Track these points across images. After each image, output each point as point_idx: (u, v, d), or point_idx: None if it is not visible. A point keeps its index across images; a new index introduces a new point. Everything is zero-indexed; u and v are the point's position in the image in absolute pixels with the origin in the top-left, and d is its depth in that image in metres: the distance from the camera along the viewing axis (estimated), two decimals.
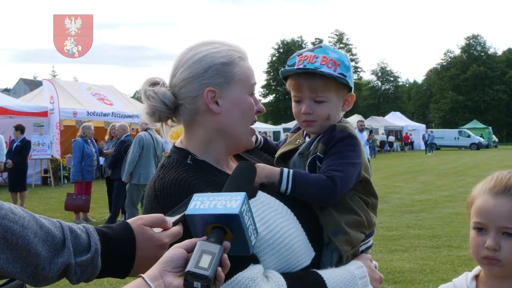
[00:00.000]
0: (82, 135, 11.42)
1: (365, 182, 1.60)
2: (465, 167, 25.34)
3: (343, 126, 1.60)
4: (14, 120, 15.88)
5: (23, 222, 1.11)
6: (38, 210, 12.04)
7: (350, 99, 1.67)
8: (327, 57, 1.59)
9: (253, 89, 1.56)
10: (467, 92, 75.99)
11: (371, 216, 1.60)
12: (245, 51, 1.59)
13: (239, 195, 1.09)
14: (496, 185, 1.49)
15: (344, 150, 1.55)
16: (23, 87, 67.16)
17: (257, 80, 1.60)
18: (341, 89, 1.62)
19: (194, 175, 1.46)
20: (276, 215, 1.46)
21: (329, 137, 1.57)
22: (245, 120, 1.54)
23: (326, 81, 1.58)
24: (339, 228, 1.51)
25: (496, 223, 1.45)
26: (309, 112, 1.61)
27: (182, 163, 1.51)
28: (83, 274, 1.18)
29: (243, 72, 1.53)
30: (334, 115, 1.63)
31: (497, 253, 1.44)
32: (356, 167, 1.55)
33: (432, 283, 6.16)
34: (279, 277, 1.38)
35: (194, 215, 1.09)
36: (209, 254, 1.01)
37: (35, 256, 1.11)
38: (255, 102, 1.57)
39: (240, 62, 1.54)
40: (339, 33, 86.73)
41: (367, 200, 1.60)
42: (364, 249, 1.60)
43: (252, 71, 1.57)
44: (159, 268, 1.03)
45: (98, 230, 1.24)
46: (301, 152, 1.64)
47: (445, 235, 8.91)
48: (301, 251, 1.46)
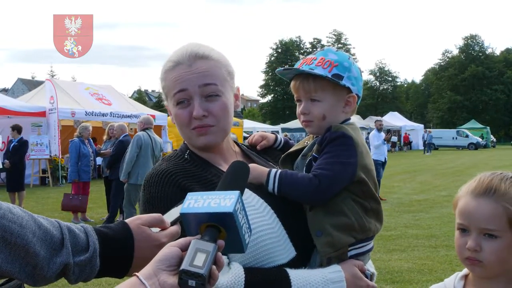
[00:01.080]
0: (79, 135, 11.42)
1: (363, 184, 1.55)
2: (463, 167, 25.37)
3: (338, 126, 1.59)
4: (12, 120, 15.85)
5: (22, 221, 1.11)
6: (36, 210, 12.02)
7: (351, 100, 1.66)
8: (324, 58, 1.62)
9: (176, 98, 1.55)
10: (465, 92, 76.06)
11: (366, 221, 1.54)
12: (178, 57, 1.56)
13: (233, 193, 1.09)
14: (478, 186, 1.50)
15: (334, 149, 1.54)
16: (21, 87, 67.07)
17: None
18: (339, 89, 1.62)
19: (183, 169, 1.55)
20: (251, 211, 1.45)
21: (323, 137, 1.58)
22: (181, 128, 1.61)
23: (319, 82, 1.60)
24: (323, 229, 1.50)
25: (477, 225, 1.46)
26: (305, 112, 1.64)
27: (180, 157, 1.62)
28: (82, 274, 1.18)
29: (167, 85, 1.59)
30: (331, 116, 1.63)
31: (479, 254, 1.45)
32: (346, 166, 1.52)
33: (431, 283, 6.15)
34: (239, 269, 1.39)
35: (188, 214, 1.09)
36: (204, 252, 1.01)
37: (34, 255, 1.11)
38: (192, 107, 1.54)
39: (167, 74, 1.58)
40: (337, 33, 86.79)
41: (364, 203, 1.55)
42: (355, 254, 1.54)
43: (174, 80, 1.55)
44: (154, 266, 1.03)
45: (97, 230, 1.24)
46: (304, 153, 1.66)
47: (443, 235, 8.92)
48: (274, 249, 1.45)
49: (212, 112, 1.55)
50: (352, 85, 1.63)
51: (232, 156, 1.68)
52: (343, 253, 1.51)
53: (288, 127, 37.45)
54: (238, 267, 1.40)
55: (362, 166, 1.56)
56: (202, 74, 1.54)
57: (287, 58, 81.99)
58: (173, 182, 1.49)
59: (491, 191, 1.47)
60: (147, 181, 1.54)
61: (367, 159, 1.59)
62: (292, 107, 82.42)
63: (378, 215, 1.61)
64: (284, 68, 1.66)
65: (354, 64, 1.65)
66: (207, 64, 1.56)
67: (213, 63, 1.57)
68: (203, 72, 1.54)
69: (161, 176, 1.51)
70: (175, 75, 1.55)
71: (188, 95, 1.54)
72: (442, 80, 79.23)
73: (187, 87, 1.53)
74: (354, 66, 1.64)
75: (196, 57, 1.55)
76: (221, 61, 1.60)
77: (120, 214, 10.44)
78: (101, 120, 19.73)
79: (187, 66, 1.54)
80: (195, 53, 1.55)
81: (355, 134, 1.59)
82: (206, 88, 1.54)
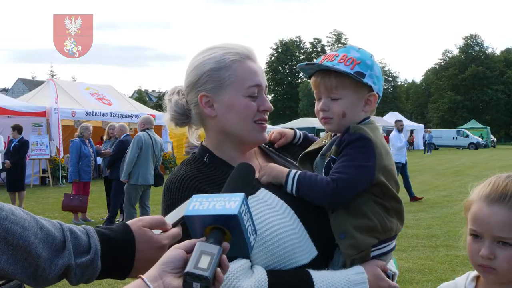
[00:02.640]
0: (80, 135, 11.41)
1: (382, 186, 1.54)
2: (464, 167, 25.36)
3: (357, 127, 1.57)
4: (12, 120, 15.85)
5: (24, 223, 1.11)
6: (37, 210, 12.02)
7: (372, 99, 1.64)
8: (347, 55, 1.61)
9: (250, 91, 1.58)
10: (465, 92, 76.01)
11: (388, 221, 1.54)
12: (246, 52, 1.62)
13: (238, 195, 1.09)
14: (492, 192, 1.45)
15: (352, 152, 1.53)
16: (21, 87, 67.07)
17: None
18: (360, 87, 1.61)
19: (203, 174, 1.56)
20: (271, 212, 1.47)
21: (341, 139, 1.57)
22: (243, 120, 1.59)
23: (341, 79, 1.59)
24: (346, 231, 1.49)
25: (491, 233, 1.42)
26: (325, 109, 1.63)
27: (199, 161, 1.64)
28: (83, 275, 1.19)
29: (236, 75, 1.58)
30: (351, 114, 1.61)
31: (492, 261, 1.42)
32: (364, 169, 1.51)
33: (431, 282, 6.18)
34: (262, 272, 1.39)
35: (193, 216, 1.08)
36: (208, 255, 1.01)
37: (36, 257, 1.11)
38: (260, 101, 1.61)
39: (234, 65, 1.59)
40: (338, 33, 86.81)
41: (385, 204, 1.55)
42: (377, 254, 1.54)
43: (249, 73, 1.59)
44: (159, 269, 1.03)
45: (98, 231, 1.24)
46: (323, 153, 1.65)
47: (444, 234, 8.92)
48: (296, 249, 1.46)
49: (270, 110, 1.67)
50: (374, 83, 1.62)
51: (252, 157, 1.69)
52: (366, 254, 1.52)
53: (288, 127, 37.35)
54: (261, 270, 1.40)
55: (382, 168, 1.55)
56: (264, 74, 1.66)
57: (287, 58, 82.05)
58: (192, 187, 1.51)
59: (506, 197, 1.42)
60: (167, 187, 1.56)
61: (386, 159, 1.58)
62: (292, 107, 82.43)
63: (400, 214, 1.60)
64: (307, 63, 1.65)
65: (376, 63, 1.64)
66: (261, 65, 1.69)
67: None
68: (264, 73, 1.66)
69: (181, 181, 1.53)
70: (249, 68, 1.60)
71: (259, 91, 1.61)
72: (442, 80, 79.19)
73: (262, 83, 1.61)
74: (376, 65, 1.63)
75: (257, 56, 1.65)
76: None
77: (120, 214, 10.44)
78: (101, 120, 19.73)
79: (254, 62, 1.63)
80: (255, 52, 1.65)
81: (373, 135, 1.57)
82: (266, 89, 1.66)
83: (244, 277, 1.36)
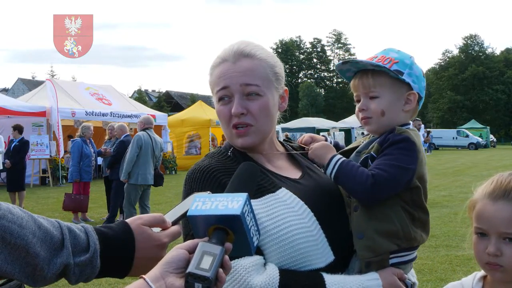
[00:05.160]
0: (81, 135, 11.40)
1: (415, 192, 1.52)
2: (464, 167, 25.35)
3: (403, 129, 1.56)
4: (12, 120, 15.85)
5: (22, 222, 1.11)
6: (37, 210, 12.02)
7: (412, 98, 1.61)
8: (385, 56, 1.60)
9: (218, 95, 1.57)
10: (465, 92, 75.98)
11: (412, 230, 1.50)
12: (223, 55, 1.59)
13: (241, 195, 1.08)
14: (496, 189, 1.45)
15: (396, 152, 1.50)
16: (21, 87, 67.01)
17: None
18: (399, 86, 1.59)
19: (225, 166, 1.55)
20: (289, 212, 1.46)
21: (385, 138, 1.54)
22: (223, 125, 1.63)
23: (378, 77, 1.58)
24: (365, 232, 1.47)
25: (497, 229, 1.42)
26: (363, 108, 1.62)
27: (223, 154, 1.63)
28: (82, 274, 1.18)
29: (212, 81, 1.61)
30: (390, 112, 1.59)
31: (499, 258, 1.42)
32: (405, 171, 1.48)
33: (431, 282, 6.17)
34: (274, 270, 1.38)
35: (195, 216, 1.08)
36: (210, 255, 1.01)
37: (34, 256, 1.10)
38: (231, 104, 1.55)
39: (213, 70, 1.61)
40: (337, 32, 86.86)
41: (412, 213, 1.51)
42: (396, 262, 1.50)
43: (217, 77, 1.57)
44: (161, 269, 1.02)
45: (97, 230, 1.24)
46: (359, 150, 1.63)
47: (443, 234, 8.91)
48: (311, 252, 1.44)
49: (251, 111, 1.55)
50: (413, 82, 1.60)
51: (274, 157, 1.67)
52: (383, 260, 1.48)
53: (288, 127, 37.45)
54: (273, 268, 1.39)
55: (419, 175, 1.53)
56: (244, 73, 1.54)
57: (287, 58, 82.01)
58: (214, 179, 1.50)
59: (511, 193, 1.43)
60: (189, 176, 1.56)
61: (424, 169, 1.55)
62: (292, 107, 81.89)
63: (425, 226, 1.57)
64: (343, 61, 1.63)
65: (416, 64, 1.62)
66: (251, 63, 1.56)
67: (257, 62, 1.57)
68: (245, 71, 1.55)
69: (203, 172, 1.52)
70: (219, 72, 1.57)
71: (229, 93, 1.55)
72: (442, 80, 79.17)
73: (229, 84, 1.55)
74: (416, 66, 1.62)
75: (241, 55, 1.56)
76: (267, 61, 1.59)
77: (120, 214, 10.44)
78: (101, 120, 19.72)
79: (231, 64, 1.56)
80: (240, 51, 1.57)
81: (418, 141, 1.55)
82: (247, 87, 1.55)
83: (256, 273, 1.35)
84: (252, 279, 1.34)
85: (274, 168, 1.63)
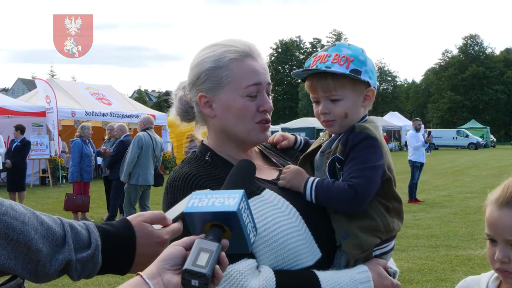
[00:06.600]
0: (81, 135, 11.40)
1: (387, 184, 1.55)
2: (463, 167, 25.35)
3: (362, 126, 1.56)
4: (12, 120, 15.85)
5: (24, 218, 1.12)
6: (37, 210, 11.50)
7: (370, 94, 1.62)
8: (339, 54, 1.57)
9: (248, 91, 1.54)
10: (465, 92, 75.92)
11: (390, 221, 1.55)
12: (246, 50, 1.57)
13: (237, 192, 1.08)
14: (502, 195, 1.44)
15: (362, 154, 1.51)
16: (21, 87, 67.06)
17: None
18: (358, 85, 1.59)
19: (206, 172, 1.54)
20: (276, 213, 1.47)
21: (347, 139, 1.55)
22: (241, 121, 1.56)
23: (338, 79, 1.56)
24: (349, 231, 1.49)
25: (503, 236, 1.41)
26: (326, 112, 1.59)
27: (201, 159, 1.60)
28: (84, 270, 1.18)
29: (234, 74, 1.54)
30: (353, 113, 1.59)
31: (508, 265, 1.41)
32: (377, 169, 1.51)
33: (431, 282, 6.18)
34: (269, 272, 1.39)
35: (192, 213, 1.08)
36: (207, 252, 1.01)
37: (36, 252, 1.11)
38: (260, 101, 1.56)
39: (232, 64, 1.54)
40: (337, 33, 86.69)
41: (387, 204, 1.55)
42: (379, 253, 1.55)
43: (247, 72, 1.55)
44: (158, 266, 1.02)
45: (99, 226, 1.24)
46: (323, 150, 1.64)
47: (443, 234, 8.92)
48: (301, 251, 1.45)
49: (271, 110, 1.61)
50: (370, 78, 1.60)
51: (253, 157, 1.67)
52: (369, 254, 1.52)
53: (288, 127, 37.50)
54: (268, 270, 1.40)
55: (387, 166, 1.56)
56: (267, 71, 1.59)
57: (287, 58, 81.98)
58: (196, 185, 1.48)
59: None
60: (170, 184, 1.54)
61: (389, 158, 1.59)
62: (292, 107, 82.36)
63: (400, 214, 1.61)
64: (303, 70, 1.61)
65: (368, 57, 1.62)
66: (265, 62, 1.61)
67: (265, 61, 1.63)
68: (267, 70, 1.59)
69: (184, 179, 1.51)
70: (248, 67, 1.55)
71: (258, 90, 1.56)
72: (442, 80, 79.11)
73: (261, 81, 1.56)
74: (368, 59, 1.61)
75: (260, 53, 1.59)
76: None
77: (120, 214, 10.44)
78: (101, 120, 19.72)
79: (254, 60, 1.56)
80: (257, 49, 1.59)
81: (378, 134, 1.57)
82: (268, 86, 1.59)
83: (252, 277, 1.36)
84: (249, 283, 1.35)
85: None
